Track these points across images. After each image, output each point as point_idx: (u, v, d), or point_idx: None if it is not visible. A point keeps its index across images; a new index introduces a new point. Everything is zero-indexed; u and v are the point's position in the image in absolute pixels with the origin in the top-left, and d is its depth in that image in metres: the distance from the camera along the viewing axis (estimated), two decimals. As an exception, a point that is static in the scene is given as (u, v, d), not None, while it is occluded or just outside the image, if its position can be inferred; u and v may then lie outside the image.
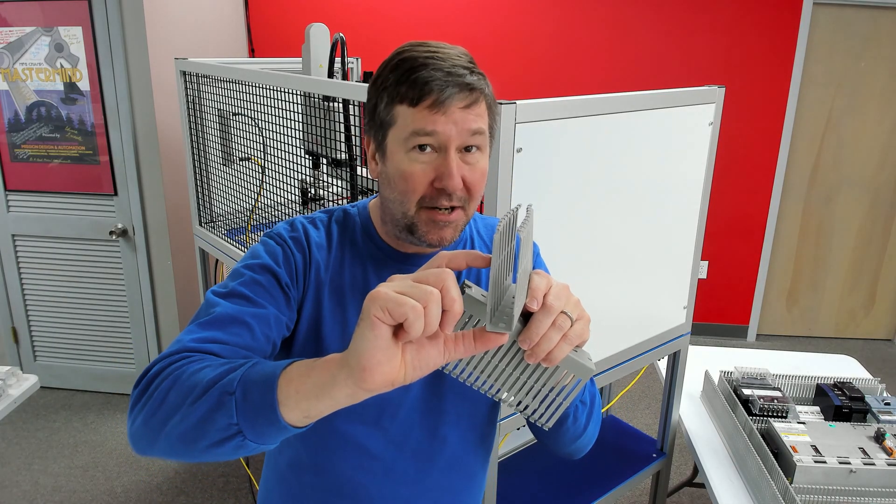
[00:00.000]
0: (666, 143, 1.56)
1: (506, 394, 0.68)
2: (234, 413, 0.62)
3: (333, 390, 0.58)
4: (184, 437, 0.65)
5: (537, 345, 0.62)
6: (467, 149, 0.80)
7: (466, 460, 0.97)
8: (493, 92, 0.84)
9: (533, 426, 0.93)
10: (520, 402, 0.69)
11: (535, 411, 0.69)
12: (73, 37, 2.72)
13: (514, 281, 0.65)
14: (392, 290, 0.55)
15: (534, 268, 0.73)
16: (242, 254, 2.22)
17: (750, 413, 1.75)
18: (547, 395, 0.68)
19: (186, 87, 2.39)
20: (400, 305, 0.54)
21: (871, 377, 2.00)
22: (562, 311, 0.63)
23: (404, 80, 0.78)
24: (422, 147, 0.78)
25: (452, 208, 0.81)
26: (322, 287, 0.87)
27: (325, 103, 1.80)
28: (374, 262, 0.89)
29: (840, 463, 1.50)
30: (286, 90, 1.87)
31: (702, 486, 2.40)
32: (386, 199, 0.85)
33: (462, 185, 0.80)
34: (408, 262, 0.90)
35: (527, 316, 0.64)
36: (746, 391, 1.80)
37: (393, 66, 0.79)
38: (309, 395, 0.60)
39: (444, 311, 0.56)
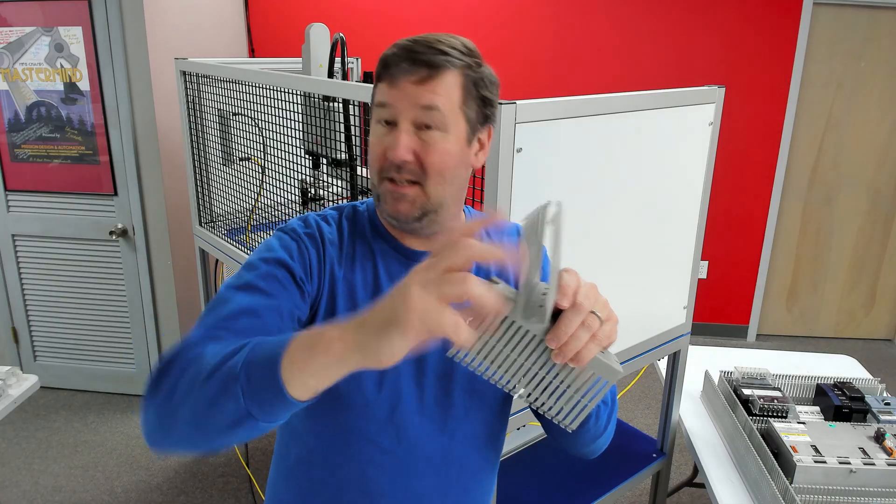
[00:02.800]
0: (666, 143, 1.56)
1: (529, 394, 0.67)
2: (240, 398, 0.62)
3: (342, 369, 0.59)
4: (196, 425, 0.66)
5: (566, 344, 0.62)
6: (427, 127, 0.82)
7: (476, 458, 0.98)
8: (489, 79, 0.85)
9: (548, 425, 0.93)
10: (543, 403, 0.67)
11: (559, 412, 0.67)
12: (73, 37, 2.72)
13: (544, 279, 0.64)
14: (428, 297, 0.55)
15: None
16: (242, 254, 2.23)
17: (750, 413, 1.75)
18: (572, 396, 0.67)
19: (186, 87, 2.39)
20: (441, 325, 0.55)
21: (871, 377, 2.00)
22: (591, 311, 0.63)
23: (380, 62, 0.84)
24: (387, 122, 0.83)
25: (411, 182, 0.83)
26: (336, 283, 0.88)
27: (325, 103, 1.80)
28: (384, 257, 0.91)
29: (840, 463, 1.50)
30: (286, 90, 1.87)
31: (702, 486, 2.40)
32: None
33: (411, 158, 0.81)
34: (415, 259, 0.91)
35: (555, 315, 0.63)
36: (746, 391, 1.80)
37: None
38: (315, 373, 0.60)
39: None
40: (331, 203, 2.02)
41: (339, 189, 1.92)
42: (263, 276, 0.82)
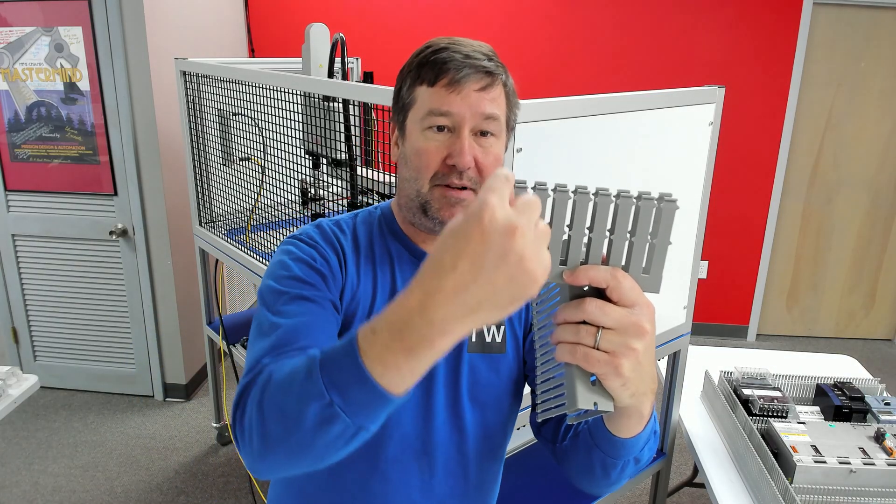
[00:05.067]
0: (666, 143, 1.56)
1: (539, 353, 0.65)
2: (346, 421, 0.58)
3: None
4: (301, 453, 0.62)
5: (557, 326, 0.59)
6: (482, 133, 0.82)
7: (479, 471, 0.97)
8: (514, 86, 0.87)
9: (562, 460, 0.88)
10: (536, 369, 0.66)
11: (542, 393, 0.64)
12: (73, 37, 2.72)
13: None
14: (542, 254, 0.51)
15: None
16: (243, 254, 2.23)
17: (750, 413, 1.75)
18: (543, 383, 0.64)
19: (186, 87, 2.39)
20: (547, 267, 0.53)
21: (871, 377, 1.99)
22: (596, 326, 0.57)
23: (425, 62, 0.82)
24: (439, 128, 0.82)
25: (464, 188, 0.83)
26: (357, 287, 0.88)
27: (325, 103, 1.80)
28: (399, 258, 0.91)
29: (840, 463, 1.50)
30: (286, 90, 1.87)
31: (702, 486, 2.40)
32: (402, 179, 0.88)
33: (473, 165, 0.82)
34: None
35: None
36: (746, 391, 1.80)
37: (416, 53, 0.84)
38: (420, 369, 0.55)
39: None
40: (331, 203, 2.02)
41: (339, 189, 1.92)
42: (302, 283, 0.81)
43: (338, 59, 1.99)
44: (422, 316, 0.51)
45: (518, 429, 1.81)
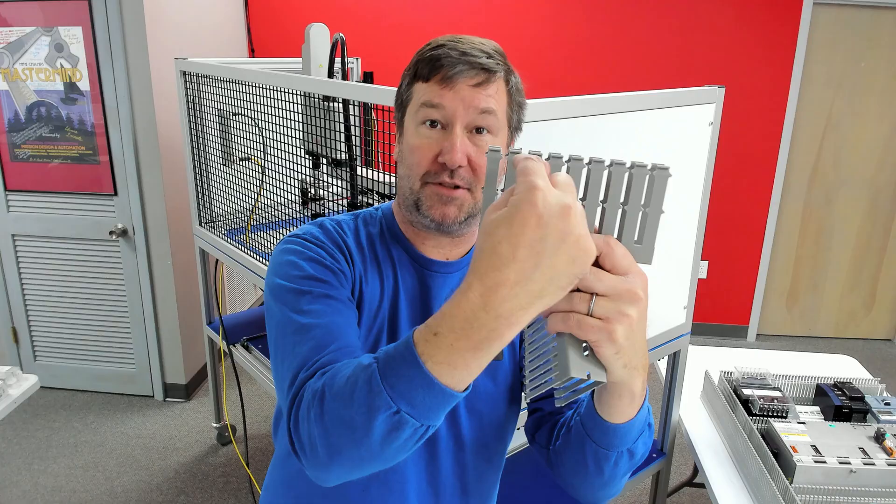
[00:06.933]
0: (666, 143, 1.56)
1: (528, 332, 0.64)
2: (414, 423, 0.60)
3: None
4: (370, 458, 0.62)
5: None
6: (478, 130, 0.81)
7: (477, 479, 0.97)
8: (520, 85, 0.86)
9: (556, 463, 0.88)
10: (525, 349, 0.64)
11: (531, 371, 0.63)
12: (73, 37, 2.72)
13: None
14: (587, 233, 0.53)
15: None
16: (243, 254, 2.23)
17: (750, 413, 1.75)
18: (533, 360, 0.62)
19: (186, 87, 2.39)
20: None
21: (871, 377, 1.99)
22: (590, 293, 0.56)
23: (422, 59, 0.82)
24: (433, 123, 0.80)
25: (457, 187, 0.81)
26: (363, 289, 0.86)
27: (325, 103, 1.80)
28: (400, 263, 0.90)
29: (840, 463, 1.50)
30: (286, 90, 1.87)
31: (702, 486, 2.40)
32: (399, 177, 0.87)
33: (466, 163, 0.80)
34: (427, 267, 0.90)
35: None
36: (746, 391, 1.80)
37: (418, 51, 0.84)
38: (482, 362, 0.57)
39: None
40: (331, 203, 2.02)
41: (339, 189, 1.92)
42: (321, 282, 0.79)
43: (338, 59, 1.99)
44: (487, 311, 0.53)
45: (518, 429, 1.81)
